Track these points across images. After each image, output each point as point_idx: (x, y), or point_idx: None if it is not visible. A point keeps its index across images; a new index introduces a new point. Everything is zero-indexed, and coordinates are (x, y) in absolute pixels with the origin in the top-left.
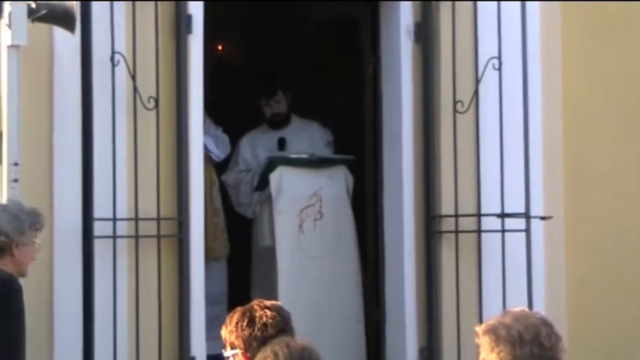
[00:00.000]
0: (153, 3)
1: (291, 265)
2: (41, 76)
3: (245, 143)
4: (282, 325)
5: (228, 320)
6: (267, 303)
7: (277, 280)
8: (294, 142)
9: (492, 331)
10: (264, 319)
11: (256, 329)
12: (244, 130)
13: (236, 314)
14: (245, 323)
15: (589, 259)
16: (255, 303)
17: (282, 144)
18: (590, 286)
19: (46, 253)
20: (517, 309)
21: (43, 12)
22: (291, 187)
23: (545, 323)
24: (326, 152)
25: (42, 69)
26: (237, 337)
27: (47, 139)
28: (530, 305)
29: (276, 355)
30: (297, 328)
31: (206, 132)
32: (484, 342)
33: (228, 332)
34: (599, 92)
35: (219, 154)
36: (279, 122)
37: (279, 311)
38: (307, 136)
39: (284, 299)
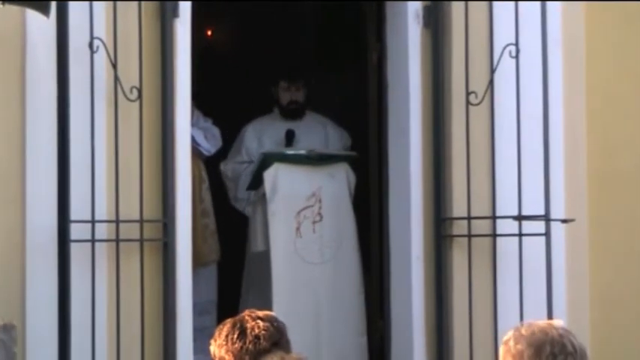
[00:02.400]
0: None
1: (287, 273)
2: (12, 64)
3: (250, 131)
4: (276, 337)
5: (217, 333)
6: (260, 313)
7: (272, 288)
8: (305, 138)
9: (506, 342)
10: (257, 330)
11: (248, 342)
12: (236, 122)
13: (226, 326)
14: (235, 336)
15: (614, 265)
16: (246, 313)
17: (290, 137)
18: (615, 295)
19: (17, 258)
20: (542, 321)
21: None
22: (287, 186)
23: (558, 342)
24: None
25: (13, 56)
26: (227, 352)
27: (19, 134)
28: (549, 317)
29: None
30: (294, 340)
31: (194, 124)
32: (500, 352)
33: (217, 346)
34: (627, 82)
35: (209, 147)
36: (294, 112)
37: (272, 322)
38: (320, 132)
39: (279, 309)
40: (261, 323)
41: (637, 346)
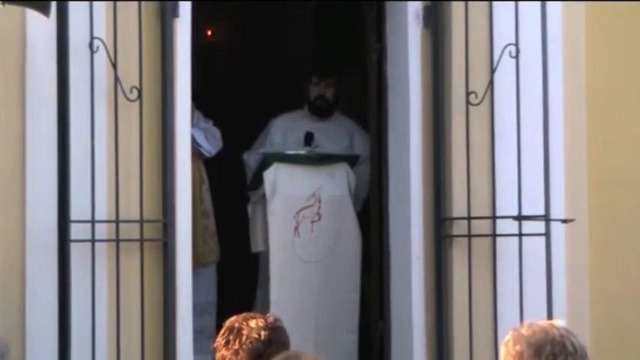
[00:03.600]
0: None
1: (285, 272)
2: (12, 64)
3: (278, 125)
4: (259, 350)
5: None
6: (252, 322)
7: (269, 287)
8: (326, 141)
9: (506, 344)
10: (236, 346)
11: (230, 353)
12: (237, 123)
13: (223, 328)
14: (223, 343)
15: (614, 265)
16: (241, 318)
17: (308, 140)
18: (615, 294)
19: (17, 258)
20: (543, 321)
21: None
22: (287, 186)
23: (558, 342)
24: (367, 169)
25: (13, 56)
26: (218, 353)
27: (19, 134)
28: (549, 317)
29: None
30: (291, 339)
31: (195, 125)
32: (501, 354)
33: (217, 344)
34: (628, 80)
35: (209, 148)
36: (321, 108)
37: (260, 332)
38: (343, 138)
39: (277, 308)
40: (243, 337)
41: (637, 345)
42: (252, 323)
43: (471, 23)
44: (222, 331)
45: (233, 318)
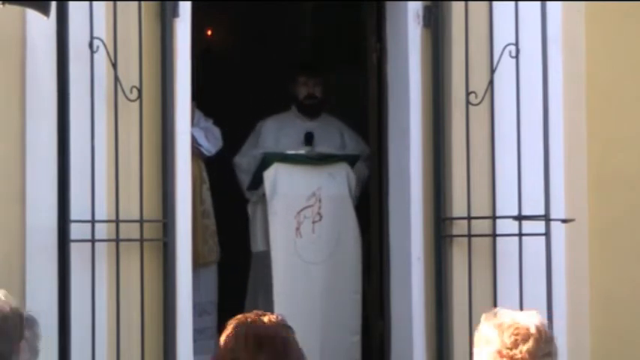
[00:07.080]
0: None
1: (287, 272)
2: (12, 64)
3: (269, 126)
4: (256, 349)
5: None
6: (258, 320)
7: (272, 287)
8: (322, 141)
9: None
10: (232, 344)
11: (228, 351)
12: (237, 122)
13: (230, 325)
14: (224, 339)
15: (614, 265)
16: (242, 318)
17: (309, 139)
18: (615, 295)
19: (17, 258)
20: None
21: None
22: (287, 186)
23: (507, 328)
24: (362, 168)
25: (13, 56)
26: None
27: (19, 134)
28: (549, 318)
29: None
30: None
31: (195, 125)
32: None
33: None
34: (628, 80)
35: (209, 148)
36: (312, 107)
37: (262, 331)
38: (336, 138)
39: (279, 309)
40: (240, 339)
41: (637, 346)
42: (259, 321)
43: (471, 23)
44: (225, 329)
45: (239, 316)
